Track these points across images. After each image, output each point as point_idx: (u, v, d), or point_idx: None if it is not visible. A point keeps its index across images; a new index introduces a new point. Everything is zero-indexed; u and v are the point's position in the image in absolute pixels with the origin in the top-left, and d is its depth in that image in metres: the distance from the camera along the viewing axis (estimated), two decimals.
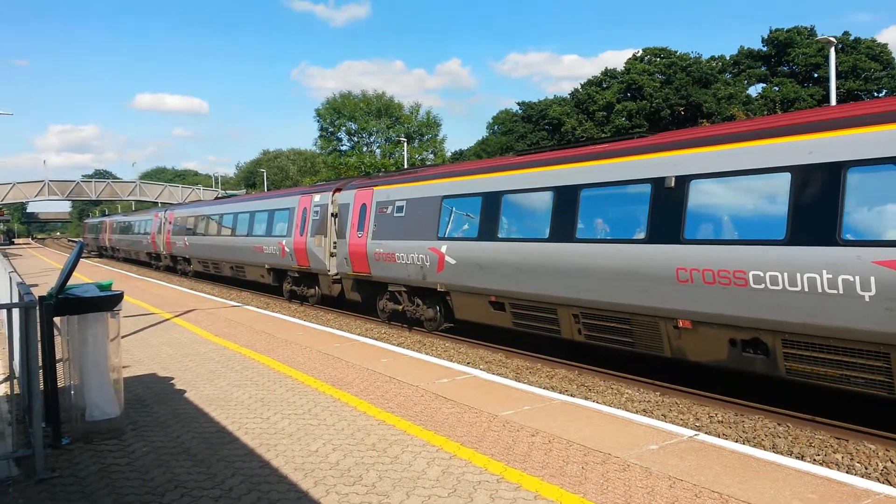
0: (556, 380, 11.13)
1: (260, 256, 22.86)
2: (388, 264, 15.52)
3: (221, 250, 27.17)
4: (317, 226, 19.10)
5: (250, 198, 27.57)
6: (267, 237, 22.38)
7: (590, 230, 10.60)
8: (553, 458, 5.66)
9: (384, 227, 15.81)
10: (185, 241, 32.04)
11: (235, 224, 25.77)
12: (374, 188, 16.74)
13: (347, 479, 5.28)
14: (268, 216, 22.80)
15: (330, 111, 74.61)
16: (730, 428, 8.54)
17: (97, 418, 6.36)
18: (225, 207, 28.08)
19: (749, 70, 68.09)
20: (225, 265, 27.03)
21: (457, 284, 13.43)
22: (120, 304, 6.60)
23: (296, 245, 20.12)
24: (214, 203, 31.39)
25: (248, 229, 24.34)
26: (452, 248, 13.44)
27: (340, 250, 17.66)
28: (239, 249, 24.99)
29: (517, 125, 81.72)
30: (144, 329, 13.25)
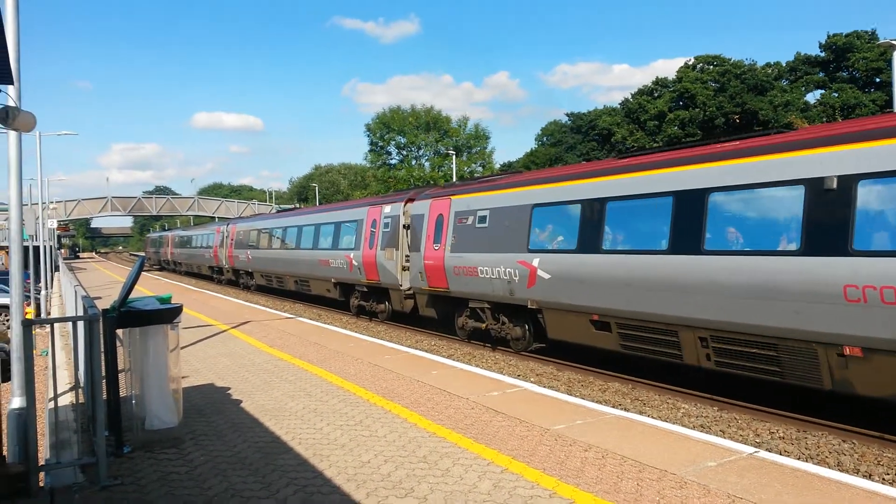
0: (609, 393, 10.96)
1: (326, 270, 22.34)
2: (468, 279, 14.55)
3: (285, 264, 26.71)
4: (388, 238, 18.32)
5: (315, 210, 27.10)
6: (333, 250, 21.82)
7: (721, 240, 9.33)
8: (607, 473, 5.57)
9: (464, 238, 14.83)
10: (248, 255, 31.82)
11: (300, 237, 25.25)
12: (452, 197, 15.70)
13: (399, 490, 5.29)
14: (334, 229, 22.23)
15: (379, 126, 75.52)
16: (791, 444, 8.26)
17: (157, 427, 6.54)
18: (288, 220, 27.64)
19: (807, 76, 66.18)
20: (289, 279, 26.52)
21: (551, 301, 12.30)
22: (179, 317, 6.79)
23: (365, 259, 19.45)
24: (277, 216, 31.07)
25: (313, 242, 23.82)
26: (546, 261, 12.33)
27: (414, 264, 16.77)
28: (303, 263, 24.49)
29: (566, 136, 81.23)
30: (202, 340, 13.59)
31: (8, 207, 6.97)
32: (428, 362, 10.85)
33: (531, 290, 12.68)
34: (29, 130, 6.29)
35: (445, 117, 75.75)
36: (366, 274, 19.53)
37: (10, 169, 6.81)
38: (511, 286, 13.22)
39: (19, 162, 6.82)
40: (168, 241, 58.85)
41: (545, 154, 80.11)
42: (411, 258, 17.03)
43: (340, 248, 21.34)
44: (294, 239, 25.79)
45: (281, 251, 27.39)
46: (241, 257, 33.01)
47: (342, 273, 21.20)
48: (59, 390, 8.69)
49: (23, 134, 6.77)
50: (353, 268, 20.22)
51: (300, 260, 24.84)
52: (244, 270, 33.60)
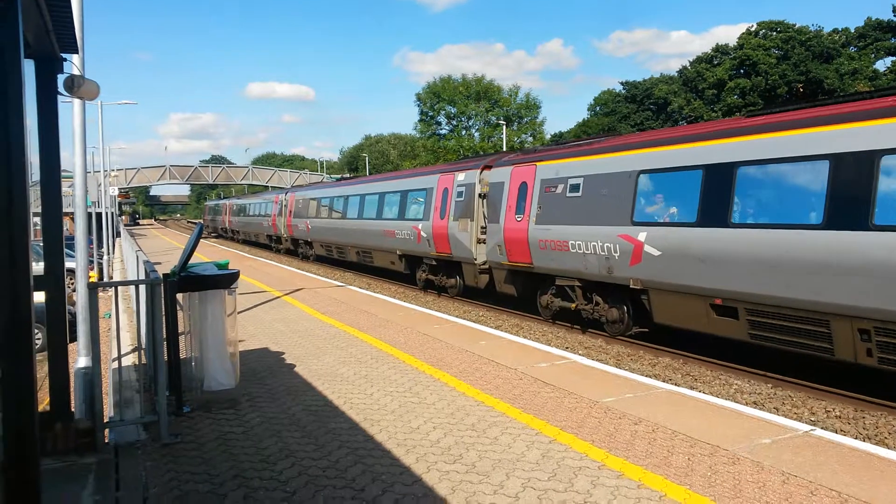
0: (660, 368, 10.84)
1: (391, 242, 21.16)
2: (557, 254, 13.18)
3: (346, 234, 25.74)
4: (461, 208, 17.10)
5: (378, 178, 25.99)
6: (399, 221, 20.56)
7: None
8: (657, 447, 5.53)
9: (552, 209, 13.41)
10: (308, 224, 31.01)
11: (362, 207, 24.13)
12: (538, 164, 14.24)
13: (448, 457, 5.37)
14: (400, 198, 20.96)
15: (430, 95, 75.25)
16: (848, 424, 8.05)
17: (215, 389, 6.77)
18: (350, 189, 26.52)
19: (877, 43, 62.99)
20: (350, 250, 25.54)
21: (660, 281, 10.82)
22: (236, 282, 6.97)
23: (435, 230, 18.13)
24: (338, 185, 29.86)
25: (377, 212, 22.62)
26: (656, 235, 10.84)
27: (492, 236, 15.47)
28: (366, 234, 23.42)
29: (620, 106, 79.51)
30: (257, 306, 13.93)
31: (73, 175, 7.21)
32: (476, 332, 10.90)
33: (635, 269, 11.25)
34: (92, 99, 6.46)
35: (496, 87, 75.02)
36: (435, 246, 18.29)
37: (74, 137, 7.03)
38: (609, 263, 11.81)
39: (83, 130, 7.02)
40: (226, 209, 58.54)
41: (598, 124, 78.67)
42: (488, 230, 15.80)
43: (407, 218, 20.10)
44: (356, 208, 24.73)
45: (342, 221, 26.36)
46: (300, 227, 32.30)
47: (409, 245, 19.98)
48: (122, 352, 9.05)
49: (86, 103, 6.96)
50: (422, 239, 18.95)
51: (363, 230, 23.83)
52: (303, 240, 32.88)
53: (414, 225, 19.42)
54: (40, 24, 4.47)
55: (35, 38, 4.77)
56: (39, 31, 4.63)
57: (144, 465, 5.31)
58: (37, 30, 4.57)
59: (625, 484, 4.81)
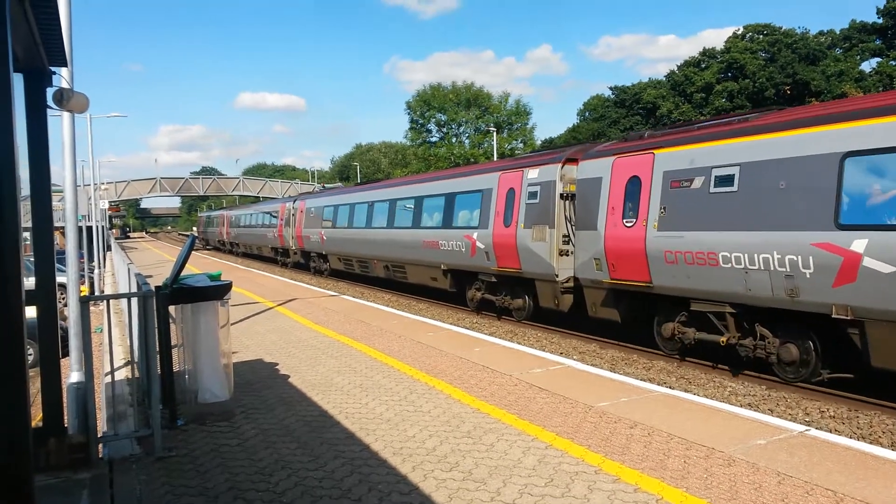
0: (654, 371, 10.86)
1: (433, 254, 18.08)
2: (696, 269, 10.17)
3: (372, 246, 22.52)
4: (535, 212, 14.09)
5: (414, 180, 22.51)
6: (445, 229, 17.51)
7: None
8: (653, 451, 5.53)
9: (685, 210, 10.40)
10: (322, 235, 27.60)
11: (393, 214, 20.98)
12: (657, 152, 11.15)
13: (444, 464, 5.36)
14: (445, 202, 17.85)
15: (420, 103, 75.31)
16: (843, 424, 8.09)
17: (209, 401, 6.73)
18: (377, 194, 23.29)
19: (862, 44, 63.63)
20: (376, 264, 22.37)
21: (890, 310, 7.82)
22: (229, 294, 6.95)
23: (497, 239, 15.18)
24: (360, 189, 26.36)
25: (413, 220, 19.56)
26: (885, 243, 7.79)
27: (583, 247, 12.59)
28: (399, 245, 20.23)
29: (609, 111, 79.84)
30: (251, 317, 13.88)
31: (62, 189, 7.18)
32: (470, 339, 10.90)
33: (842, 291, 8.28)
34: (82, 112, 6.45)
35: (486, 94, 75.16)
36: (497, 259, 15.32)
37: (64, 150, 6.99)
38: (794, 283, 8.82)
39: (73, 143, 6.99)
40: (223, 220, 55.06)
41: (587, 129, 78.95)
42: (577, 239, 12.90)
43: (456, 226, 17.03)
44: (385, 216, 21.60)
45: (366, 231, 23.07)
46: (313, 238, 28.88)
47: (458, 258, 16.88)
48: (115, 365, 8.99)
49: (75, 116, 6.94)
50: (477, 252, 15.96)
51: (394, 241, 20.64)
52: (316, 253, 29.57)
53: (466, 234, 16.39)
54: (29, 38, 4.47)
55: (24, 52, 4.76)
56: (28, 45, 4.62)
57: (139, 479, 5.27)
58: (25, 43, 4.56)
59: (621, 488, 4.81)
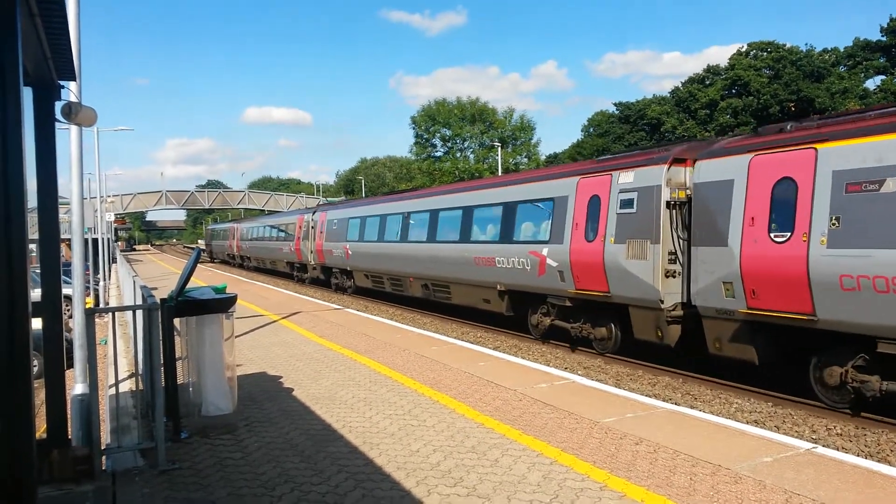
0: (659, 387, 10.80)
1: (486, 273, 15.90)
2: (889, 299, 7.86)
3: (408, 261, 20.30)
4: (631, 224, 11.72)
5: (461, 188, 19.48)
6: (503, 244, 15.39)
7: None
8: (659, 467, 5.49)
9: (877, 221, 8.11)
10: (347, 249, 25.20)
11: (435, 225, 18.86)
12: (821, 145, 8.96)
13: (448, 480, 5.32)
14: (504, 213, 15.67)
15: (425, 118, 75.67)
16: (850, 441, 8.02)
17: (213, 414, 6.72)
18: (414, 204, 20.93)
19: (866, 62, 63.79)
20: (413, 282, 20.25)
21: None
22: (234, 307, 6.96)
23: (575, 256, 12.88)
24: (394, 198, 23.78)
25: (461, 233, 17.36)
26: None
27: (708, 267, 10.28)
28: (442, 261, 18.04)
29: (614, 126, 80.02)
30: (255, 330, 13.88)
31: (69, 201, 7.21)
32: (474, 353, 10.86)
33: None
34: (90, 125, 6.49)
35: (491, 109, 75.49)
36: (575, 280, 13.01)
37: (71, 163, 7.03)
38: None
39: (80, 156, 7.04)
40: (234, 233, 52.16)
41: (592, 145, 79.10)
42: (696, 257, 10.58)
43: (518, 240, 14.96)
44: (424, 228, 19.42)
45: (401, 245, 20.82)
46: (336, 252, 26.43)
47: (520, 277, 14.72)
48: (119, 378, 8.98)
49: (83, 129, 6.99)
50: (547, 270, 13.75)
51: (436, 257, 18.42)
52: (339, 269, 27.17)
53: (532, 250, 14.20)
54: (39, 52, 4.51)
55: (33, 66, 4.81)
56: (38, 59, 4.67)
57: (142, 492, 5.25)
58: (35, 57, 4.60)
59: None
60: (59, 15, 4.12)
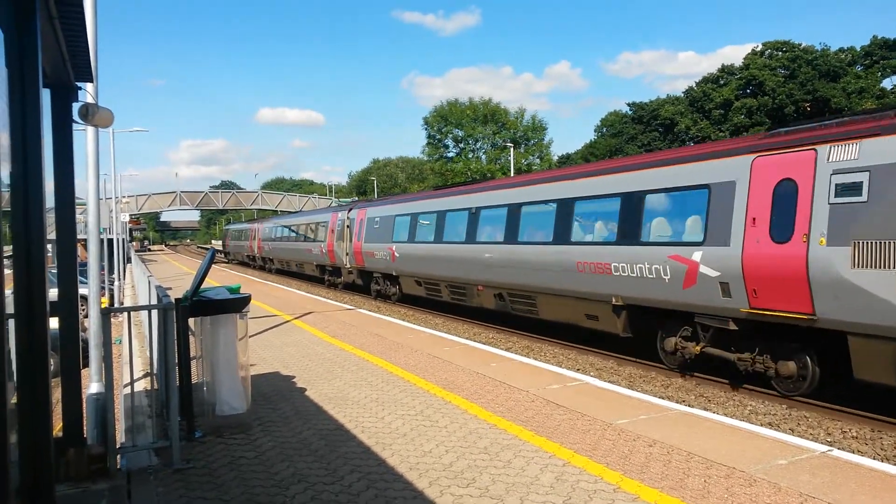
0: (672, 389, 10.75)
1: (596, 282, 12.62)
2: None
3: (475, 266, 17.05)
4: (863, 218, 8.36)
5: (556, 175, 15.43)
6: (625, 246, 11.97)
7: None
8: (673, 469, 5.47)
9: None
10: (393, 251, 22.09)
11: (516, 223, 15.59)
12: None
13: (461, 481, 5.33)
14: (624, 205, 12.24)
15: (437, 119, 75.72)
16: (865, 444, 7.95)
17: (226, 413, 6.75)
18: (485, 197, 17.50)
19: (883, 61, 63.13)
20: (482, 291, 17.01)
21: None
22: (248, 307, 6.99)
23: (753, 262, 9.59)
24: (457, 192, 19.73)
25: (556, 232, 14.02)
26: None
27: None
28: (527, 267, 14.80)
29: (627, 127, 79.72)
30: (268, 330, 13.94)
31: (85, 202, 7.28)
32: (487, 354, 10.86)
33: None
34: (107, 126, 6.55)
35: (503, 109, 75.41)
36: (751, 295, 9.69)
37: (88, 164, 7.10)
38: None
39: (97, 157, 7.10)
40: (255, 233, 48.75)
41: (605, 145, 78.86)
42: None
43: (649, 240, 11.60)
44: (501, 226, 16.13)
45: (466, 247, 17.56)
46: (379, 254, 23.29)
47: (653, 289, 11.36)
48: (134, 377, 9.06)
49: (99, 130, 7.06)
50: (700, 281, 10.45)
51: (518, 261, 15.20)
52: (381, 273, 23.90)
53: (675, 254, 10.91)
54: (57, 55, 4.56)
55: (52, 68, 4.86)
56: (56, 61, 4.72)
57: (156, 491, 5.29)
58: (54, 60, 4.65)
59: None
60: (78, 17, 4.17)
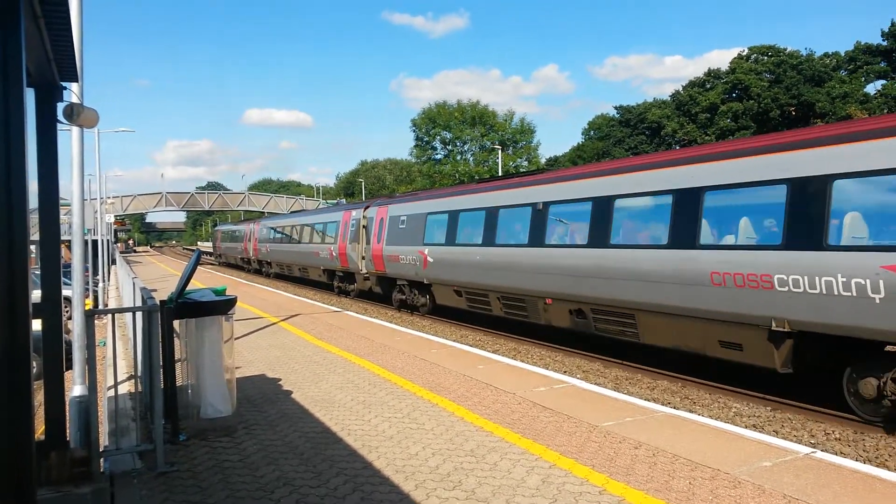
0: (658, 391, 10.80)
1: (742, 298, 9.35)
2: None
3: (543, 275, 13.69)
4: None
5: (669, 159, 11.70)
6: (794, 250, 8.70)
7: None
8: (658, 472, 5.49)
9: None
10: (425, 255, 18.55)
11: (606, 221, 12.20)
12: None
13: (447, 483, 5.32)
14: (791, 195, 8.87)
15: (425, 121, 75.75)
16: (848, 446, 8.01)
17: (211, 416, 6.71)
18: (558, 190, 13.98)
19: (867, 66, 63.89)
20: (551, 305, 13.75)
21: None
22: (233, 309, 6.95)
23: None
24: (512, 185, 15.93)
25: (673, 232, 10.66)
26: None
27: None
28: (625, 276, 11.52)
29: (614, 130, 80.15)
30: (254, 332, 13.87)
31: (69, 202, 7.21)
32: (473, 357, 10.86)
33: None
34: (92, 127, 6.49)
35: (491, 112, 75.57)
36: None
37: (72, 164, 7.03)
38: None
39: (81, 157, 7.04)
40: (251, 234, 44.89)
41: (592, 148, 79.27)
42: None
43: (847, 244, 8.21)
44: (584, 225, 12.74)
45: (531, 251, 14.16)
46: (406, 258, 19.86)
47: (848, 311, 8.07)
48: (118, 380, 8.98)
49: (84, 130, 6.99)
50: None
51: (610, 268, 11.87)
52: (409, 280, 20.38)
53: (892, 263, 7.63)
54: (42, 54, 4.52)
55: (36, 67, 4.81)
56: (41, 61, 4.68)
57: (140, 494, 5.25)
58: (38, 59, 4.61)
59: None
60: (63, 17, 4.13)
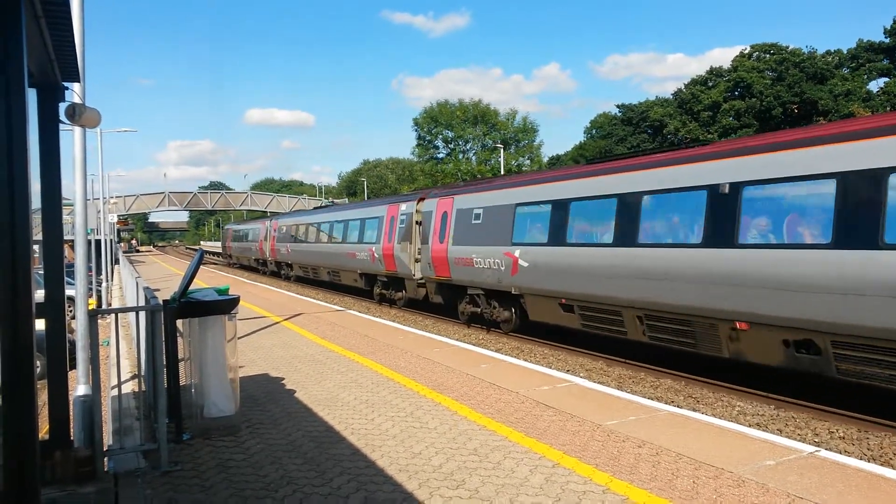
0: (662, 390, 10.78)
1: None
2: None
3: (711, 287, 9.85)
4: None
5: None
6: None
7: None
8: (661, 470, 5.48)
9: None
10: (515, 258, 14.55)
11: None
12: None
13: (451, 482, 5.32)
14: None
15: (427, 120, 75.78)
16: (853, 445, 8.00)
17: (215, 415, 6.72)
18: (753, 162, 9.48)
19: (869, 64, 63.74)
20: (747, 332, 9.48)
21: None
22: (237, 308, 6.96)
23: None
24: (658, 162, 11.55)
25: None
26: None
27: None
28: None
29: (616, 128, 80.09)
30: (257, 331, 13.88)
31: (73, 202, 7.21)
32: (476, 356, 10.86)
33: None
34: (94, 127, 6.49)
35: (493, 110, 75.61)
36: None
37: (75, 164, 7.03)
38: None
39: (84, 157, 7.04)
40: (267, 232, 40.06)
41: (594, 146, 79.19)
42: None
43: None
44: (826, 217, 8.47)
45: (711, 254, 9.89)
46: (485, 262, 15.74)
47: None
48: (122, 379, 8.98)
49: (86, 130, 6.99)
50: None
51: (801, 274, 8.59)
52: (487, 290, 16.19)
53: None
54: (43, 54, 4.52)
55: (38, 68, 4.82)
56: (42, 61, 4.68)
57: (144, 493, 5.25)
58: (40, 59, 4.61)
59: None
60: (64, 16, 4.13)
